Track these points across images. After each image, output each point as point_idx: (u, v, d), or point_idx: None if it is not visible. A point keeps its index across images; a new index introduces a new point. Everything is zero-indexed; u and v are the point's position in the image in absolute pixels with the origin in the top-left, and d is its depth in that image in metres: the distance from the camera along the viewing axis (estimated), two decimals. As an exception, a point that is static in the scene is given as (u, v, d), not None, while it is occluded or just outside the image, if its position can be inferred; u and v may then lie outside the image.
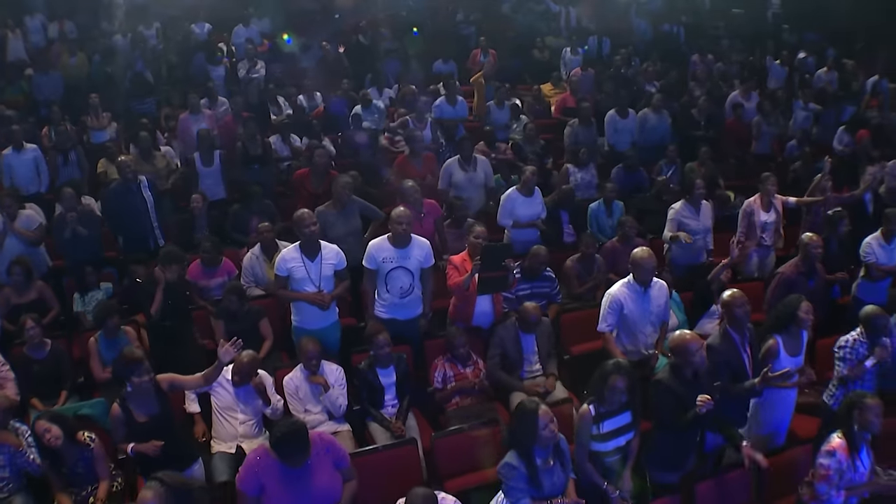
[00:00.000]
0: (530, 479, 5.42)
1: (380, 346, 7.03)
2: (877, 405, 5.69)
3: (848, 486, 5.69)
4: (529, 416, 5.36)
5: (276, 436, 5.02)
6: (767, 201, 9.71)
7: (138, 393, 5.93)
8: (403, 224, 7.45)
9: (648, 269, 7.14)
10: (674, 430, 6.04)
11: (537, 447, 5.42)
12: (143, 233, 9.36)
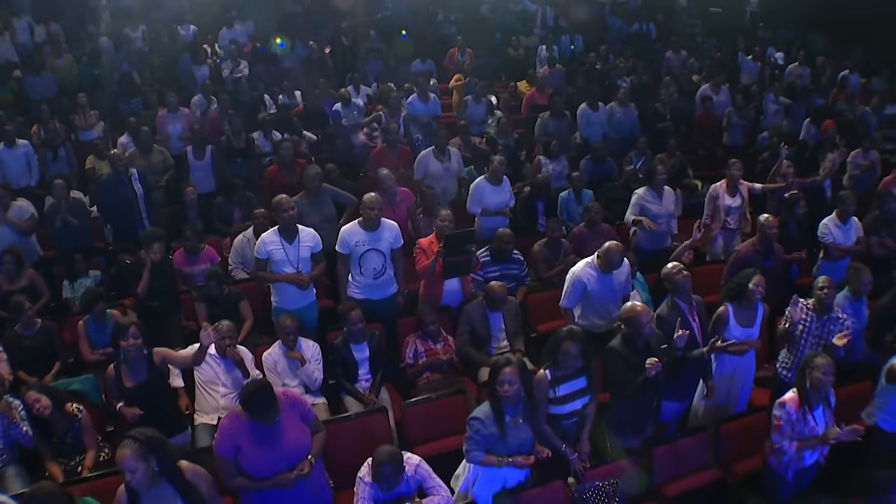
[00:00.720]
0: (498, 433, 5.81)
1: (353, 323, 7.44)
2: (826, 364, 6.07)
3: (799, 439, 6.09)
4: (496, 371, 5.79)
5: (245, 395, 5.37)
6: (733, 186, 10.15)
7: (127, 358, 6.36)
8: (375, 209, 7.89)
9: (614, 262, 7.58)
10: (628, 396, 6.44)
11: (506, 404, 5.81)
12: (132, 223, 9.73)
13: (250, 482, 5.45)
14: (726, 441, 6.91)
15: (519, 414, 5.89)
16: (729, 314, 7.11)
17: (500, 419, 5.81)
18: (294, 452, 5.50)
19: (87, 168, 11.64)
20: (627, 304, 6.60)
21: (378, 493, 5.60)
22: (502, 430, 5.81)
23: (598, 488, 6.19)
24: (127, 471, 4.65)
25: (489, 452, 5.85)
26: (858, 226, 9.58)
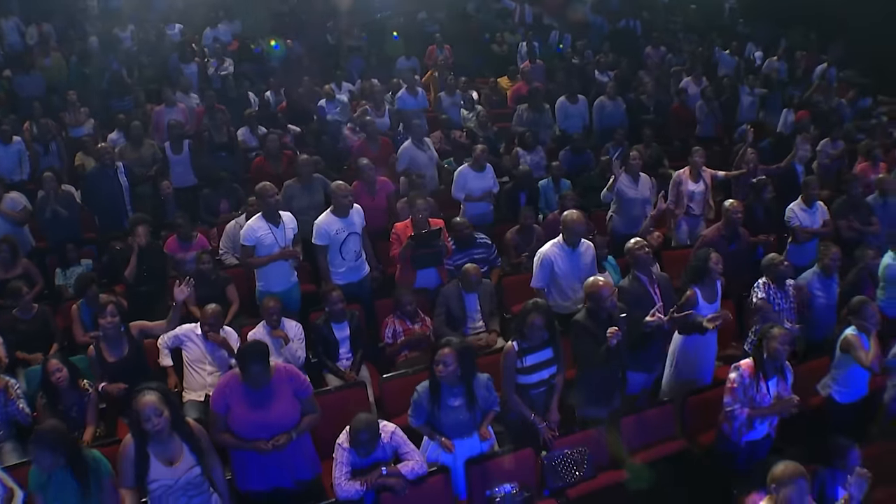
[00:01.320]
0: (429, 409, 6.20)
1: (334, 303, 7.79)
2: (783, 335, 6.39)
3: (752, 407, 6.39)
4: (435, 351, 6.19)
5: (240, 349, 5.80)
6: (696, 173, 10.49)
7: (107, 335, 6.72)
8: (348, 196, 8.38)
9: (578, 231, 7.93)
10: (594, 367, 6.76)
11: (443, 383, 6.16)
12: (117, 214, 10.14)
13: (233, 440, 5.83)
14: (692, 413, 7.24)
15: (461, 395, 6.22)
16: (697, 296, 7.43)
17: (434, 396, 6.18)
18: (278, 423, 5.84)
19: (77, 164, 11.98)
20: (590, 278, 6.91)
21: (356, 459, 5.93)
22: (435, 407, 6.19)
23: (566, 456, 6.52)
24: (152, 415, 5.06)
25: (426, 424, 6.29)
26: (824, 209, 9.95)
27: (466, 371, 6.18)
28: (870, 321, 7.07)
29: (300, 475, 6.15)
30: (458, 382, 6.16)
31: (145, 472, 5.22)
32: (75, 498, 5.25)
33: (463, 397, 6.20)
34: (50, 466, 5.14)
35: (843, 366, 7.22)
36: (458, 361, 6.08)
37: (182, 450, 5.33)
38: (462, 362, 6.12)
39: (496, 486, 6.27)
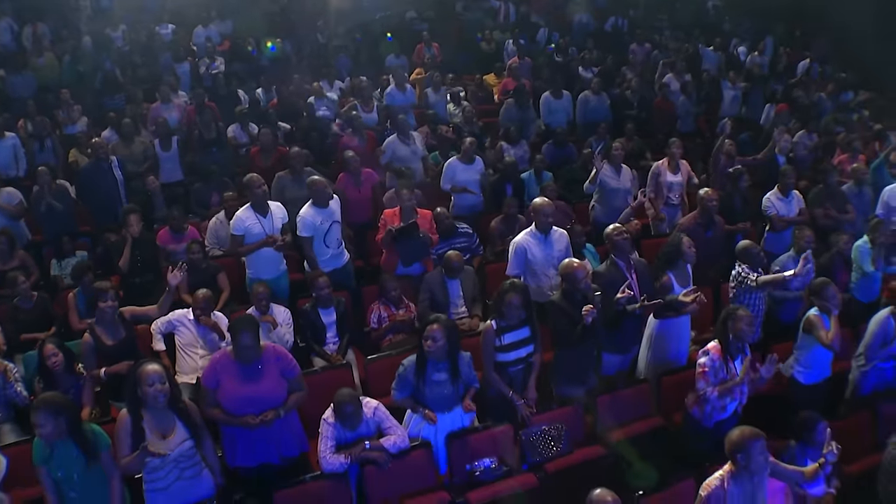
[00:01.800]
0: (414, 383, 6.51)
1: (321, 288, 8.09)
2: (746, 316, 6.69)
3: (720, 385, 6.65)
4: (425, 327, 6.51)
5: (232, 321, 6.24)
6: (674, 164, 10.82)
7: (104, 319, 7.02)
8: (327, 188, 8.70)
9: (546, 215, 8.20)
10: (570, 346, 7.07)
11: (430, 359, 6.47)
12: (112, 207, 10.37)
13: (223, 415, 6.13)
14: (667, 392, 7.53)
15: (445, 370, 6.53)
16: (672, 280, 7.76)
17: (420, 371, 6.49)
18: (265, 399, 6.15)
19: (71, 161, 12.24)
20: (565, 260, 7.24)
21: (340, 433, 6.24)
22: (420, 381, 6.49)
23: (544, 432, 6.82)
24: (157, 381, 5.45)
25: (408, 398, 6.60)
26: (800, 199, 10.26)
27: (453, 347, 6.49)
28: (831, 302, 7.33)
29: (287, 452, 6.44)
30: (445, 358, 6.48)
31: (141, 440, 5.51)
32: (78, 468, 5.50)
33: (447, 372, 6.51)
34: (52, 433, 5.37)
35: (805, 346, 7.50)
36: (446, 337, 6.39)
37: (175, 424, 5.64)
38: (449, 338, 6.41)
39: (476, 460, 6.61)
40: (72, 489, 5.53)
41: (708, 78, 16.39)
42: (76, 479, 5.50)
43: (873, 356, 7.58)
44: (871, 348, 7.57)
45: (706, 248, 8.77)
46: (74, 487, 5.52)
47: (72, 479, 5.49)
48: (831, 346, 7.24)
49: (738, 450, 5.31)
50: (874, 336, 7.55)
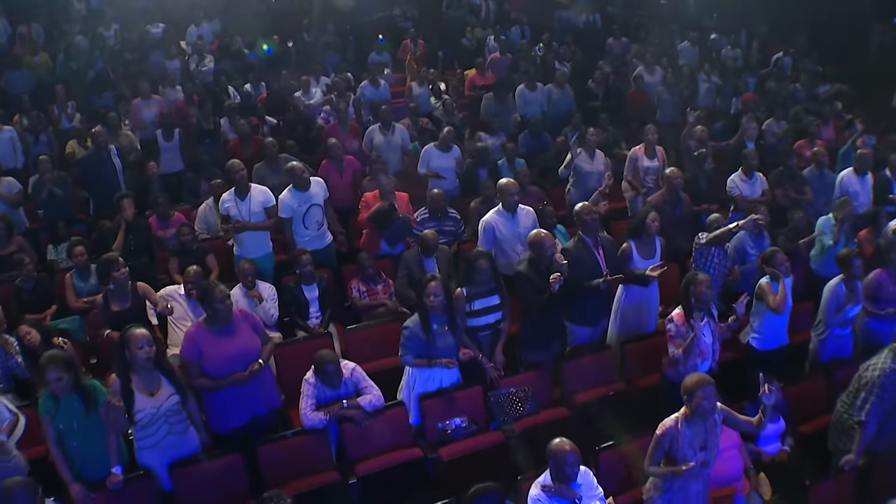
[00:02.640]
0: (426, 339, 6.99)
1: (304, 265, 8.59)
2: (705, 279, 7.12)
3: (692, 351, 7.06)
4: (424, 286, 7.02)
5: (204, 292, 6.71)
6: (651, 149, 11.41)
7: (117, 287, 7.63)
8: (305, 173, 9.29)
9: (511, 194, 8.75)
10: (536, 313, 7.57)
11: (432, 314, 6.99)
12: (112, 194, 10.69)
13: (211, 382, 6.61)
14: (630, 358, 8.06)
15: (444, 323, 7.07)
16: (632, 248, 8.26)
17: (427, 326, 6.99)
18: (246, 354, 6.65)
19: (68, 153, 12.70)
20: (534, 231, 7.79)
21: (321, 392, 6.75)
22: (429, 336, 6.99)
23: (511, 394, 7.35)
24: (145, 344, 6.00)
25: (419, 357, 7.04)
26: (763, 180, 10.83)
27: (449, 300, 7.07)
28: (780, 268, 7.84)
29: (272, 403, 6.97)
30: (443, 311, 7.04)
31: (131, 403, 6.06)
32: (79, 419, 6.05)
33: (446, 325, 7.09)
34: (58, 385, 5.93)
35: (759, 313, 8.01)
36: (444, 292, 6.97)
37: (161, 382, 6.20)
38: (446, 292, 7.00)
39: (447, 419, 7.13)
40: (73, 438, 6.06)
41: (688, 71, 16.90)
42: (77, 429, 6.04)
43: (829, 322, 8.10)
44: (826, 314, 8.11)
45: (673, 225, 9.38)
46: (76, 437, 6.06)
47: (73, 429, 6.03)
48: (777, 309, 7.73)
49: (690, 393, 5.80)
50: (828, 302, 8.08)
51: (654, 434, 5.91)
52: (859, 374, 6.75)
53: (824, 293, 8.16)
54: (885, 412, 6.52)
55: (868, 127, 14.09)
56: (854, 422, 6.60)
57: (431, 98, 15.37)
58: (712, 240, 8.50)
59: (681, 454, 5.78)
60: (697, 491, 5.99)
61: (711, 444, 5.91)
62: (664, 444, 5.83)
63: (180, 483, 6.34)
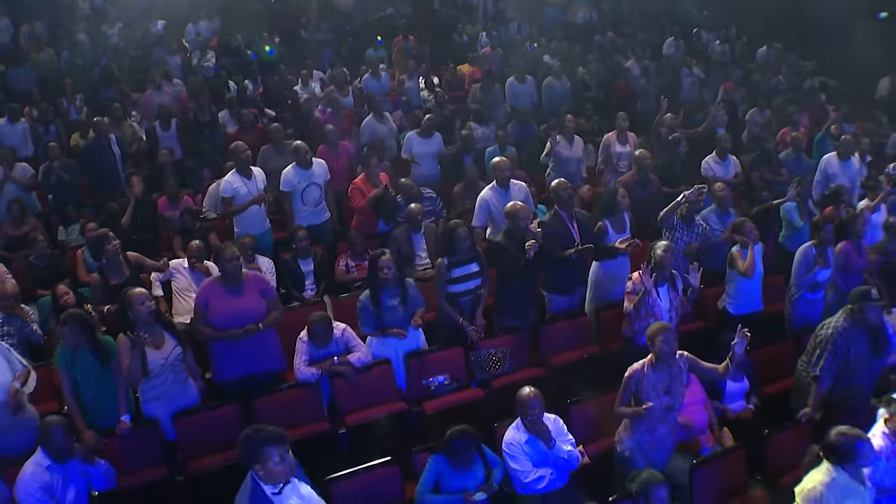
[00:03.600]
0: (374, 311, 7.55)
1: (300, 240, 9.20)
2: (665, 244, 7.67)
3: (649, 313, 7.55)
4: (376, 259, 7.58)
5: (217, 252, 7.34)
6: (623, 135, 12.00)
7: (109, 260, 8.19)
8: (308, 153, 9.93)
9: (503, 170, 9.37)
10: (512, 280, 8.14)
11: (385, 287, 7.57)
12: (112, 180, 11.60)
13: (212, 331, 7.21)
14: (605, 325, 8.60)
15: (397, 295, 7.61)
16: (607, 226, 8.81)
17: (376, 300, 7.57)
18: (247, 314, 7.23)
19: (73, 145, 13.32)
20: (509, 203, 8.36)
21: (313, 350, 7.35)
22: (378, 309, 7.56)
23: (490, 354, 7.92)
24: (145, 300, 6.67)
25: (375, 328, 7.66)
26: (736, 163, 11.42)
27: (402, 274, 7.66)
28: (749, 236, 8.46)
29: (269, 365, 7.51)
30: (396, 284, 7.57)
31: (144, 358, 6.68)
32: (94, 371, 6.72)
33: (398, 297, 7.59)
34: (76, 341, 6.60)
35: (731, 280, 8.62)
36: (396, 264, 7.53)
37: (164, 336, 6.83)
38: (398, 265, 7.58)
39: (431, 377, 7.70)
40: (88, 389, 6.71)
41: (672, 65, 17.49)
42: (92, 379, 6.69)
43: (800, 283, 8.63)
44: (797, 276, 8.65)
45: (643, 204, 9.88)
46: (90, 387, 6.71)
47: (88, 380, 6.69)
48: (747, 273, 8.34)
49: (651, 339, 6.39)
50: (798, 265, 8.64)
51: (624, 377, 6.48)
52: (815, 334, 7.31)
53: (795, 256, 8.72)
54: (839, 368, 7.04)
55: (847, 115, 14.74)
56: (811, 377, 7.14)
57: (424, 91, 15.93)
58: (664, 216, 8.94)
59: (645, 396, 6.35)
60: (664, 434, 6.54)
61: (676, 390, 6.46)
62: (631, 385, 6.41)
63: (182, 431, 6.93)
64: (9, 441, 6.51)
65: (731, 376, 7.26)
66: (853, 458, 5.34)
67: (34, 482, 5.73)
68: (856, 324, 7.05)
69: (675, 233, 8.97)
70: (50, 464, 5.80)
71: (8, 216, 10.56)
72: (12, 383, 6.61)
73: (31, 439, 6.22)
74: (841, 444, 5.36)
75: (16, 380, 6.67)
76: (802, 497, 5.42)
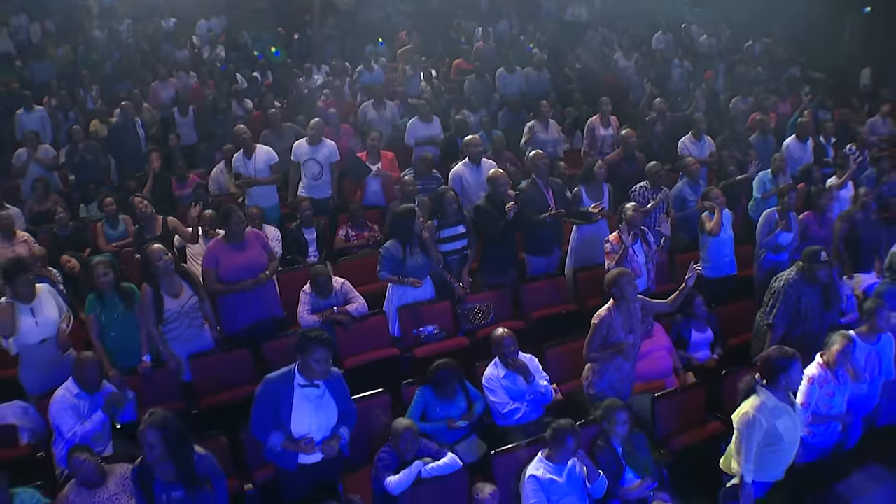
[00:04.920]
0: (400, 259, 8.33)
1: (304, 210, 10.10)
2: (633, 205, 8.53)
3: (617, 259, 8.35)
4: (407, 215, 8.33)
5: (223, 213, 8.15)
6: (605, 119, 12.87)
7: (146, 220, 9.46)
8: (315, 129, 10.91)
9: (476, 145, 10.22)
10: (494, 241, 8.97)
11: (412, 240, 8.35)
12: (135, 158, 12.64)
13: (225, 287, 8.02)
14: (582, 285, 9.38)
15: (417, 246, 8.41)
16: (582, 192, 9.65)
17: (403, 248, 8.34)
18: (254, 266, 8.08)
19: (92, 130, 14.14)
20: (491, 170, 9.22)
21: (315, 301, 8.16)
22: (404, 256, 8.33)
23: (475, 308, 8.75)
24: (162, 255, 7.44)
25: (392, 274, 8.41)
26: (711, 143, 12.28)
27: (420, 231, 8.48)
28: (716, 201, 9.28)
29: (274, 311, 8.40)
30: (415, 237, 8.39)
31: (161, 304, 7.49)
32: (118, 313, 7.56)
33: (421, 249, 8.46)
34: (105, 280, 7.46)
35: (704, 244, 9.43)
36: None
37: (182, 285, 7.64)
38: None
39: (422, 326, 8.51)
40: (113, 329, 7.54)
41: (661, 57, 18.32)
42: (116, 321, 7.54)
43: (762, 244, 9.42)
44: (760, 236, 9.47)
45: (628, 179, 10.65)
46: (115, 328, 7.54)
47: (113, 321, 7.53)
48: (713, 231, 9.16)
49: (612, 284, 7.13)
50: (761, 226, 9.46)
51: (592, 324, 7.15)
52: (770, 286, 8.03)
53: (759, 219, 9.55)
54: (791, 317, 7.73)
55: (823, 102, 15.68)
56: (766, 325, 7.85)
57: (422, 83, 16.78)
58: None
59: (614, 337, 7.08)
60: (628, 370, 7.30)
61: (636, 328, 7.22)
62: (602, 330, 7.09)
63: (198, 372, 7.74)
64: (52, 377, 7.26)
65: (695, 327, 8.18)
66: (782, 376, 6.03)
67: (64, 403, 6.57)
68: (806, 279, 7.75)
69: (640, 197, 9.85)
70: (79, 392, 6.63)
71: (32, 194, 11.47)
72: (60, 324, 7.48)
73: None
74: (773, 361, 6.08)
75: (62, 321, 7.52)
76: (737, 422, 6.11)
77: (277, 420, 5.84)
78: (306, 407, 5.85)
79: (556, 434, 6.17)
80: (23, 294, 7.34)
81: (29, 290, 7.38)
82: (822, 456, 6.87)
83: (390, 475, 6.19)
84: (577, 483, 6.30)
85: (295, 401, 5.81)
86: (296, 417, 5.84)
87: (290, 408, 5.81)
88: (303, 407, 5.84)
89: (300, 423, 5.85)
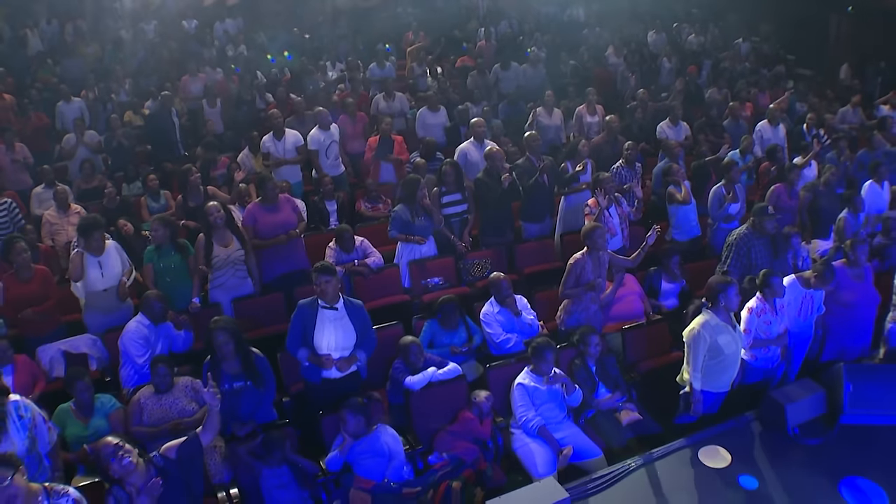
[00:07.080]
0: (408, 220, 9.66)
1: (326, 185, 11.49)
2: (606, 176, 9.86)
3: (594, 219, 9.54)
4: (414, 183, 9.67)
5: (258, 178, 9.64)
6: (592, 107, 14.23)
7: (191, 188, 10.82)
8: (328, 117, 12.23)
9: (480, 126, 11.58)
10: (492, 207, 10.34)
11: (417, 205, 9.68)
12: (170, 144, 14.06)
13: (261, 241, 9.40)
14: (567, 246, 10.54)
15: (419, 211, 9.75)
16: (568, 167, 11.01)
17: (411, 211, 9.69)
18: (286, 224, 9.51)
19: (127, 120, 15.50)
20: (488, 146, 10.62)
21: (339, 255, 9.50)
22: (412, 218, 9.69)
23: (475, 263, 10.09)
24: (215, 211, 8.86)
25: (400, 232, 9.76)
26: (687, 128, 13.66)
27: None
28: (677, 175, 10.63)
29: (302, 264, 9.73)
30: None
31: (210, 252, 8.86)
32: (175, 262, 8.87)
33: (425, 214, 9.77)
34: (163, 237, 8.78)
35: (673, 213, 10.77)
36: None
37: (231, 237, 8.98)
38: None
39: (429, 278, 9.85)
40: (168, 275, 8.85)
41: (651, 54, 19.68)
42: (171, 268, 8.86)
43: (714, 217, 10.68)
44: (711, 210, 10.70)
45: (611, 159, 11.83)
46: (170, 274, 8.85)
47: (168, 268, 8.85)
48: (685, 200, 10.52)
49: (586, 236, 8.47)
50: (711, 202, 10.68)
51: (567, 265, 8.49)
52: (726, 242, 9.29)
53: (710, 196, 10.75)
54: (743, 266, 8.92)
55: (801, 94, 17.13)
56: (722, 273, 8.79)
57: (429, 78, 18.23)
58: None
59: (585, 279, 8.43)
60: (594, 310, 8.64)
61: (602, 274, 8.59)
62: (576, 270, 8.41)
63: (240, 313, 9.03)
64: (112, 318, 8.67)
65: (665, 278, 9.45)
66: (721, 296, 7.26)
67: (137, 332, 7.93)
68: (755, 232, 8.98)
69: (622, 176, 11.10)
70: (148, 323, 7.99)
71: (80, 173, 12.93)
72: (122, 277, 8.78)
73: (126, 320, 8.25)
74: (714, 285, 7.35)
75: (123, 275, 8.81)
76: (686, 337, 7.35)
77: (305, 337, 7.23)
78: (327, 326, 7.22)
79: (537, 350, 7.45)
80: (95, 248, 8.61)
81: (100, 244, 8.64)
82: (766, 378, 8.01)
83: (408, 377, 7.54)
84: (557, 394, 7.58)
85: (318, 321, 7.20)
86: (317, 335, 7.21)
87: (313, 326, 7.21)
88: (324, 326, 7.22)
89: (321, 339, 7.22)
